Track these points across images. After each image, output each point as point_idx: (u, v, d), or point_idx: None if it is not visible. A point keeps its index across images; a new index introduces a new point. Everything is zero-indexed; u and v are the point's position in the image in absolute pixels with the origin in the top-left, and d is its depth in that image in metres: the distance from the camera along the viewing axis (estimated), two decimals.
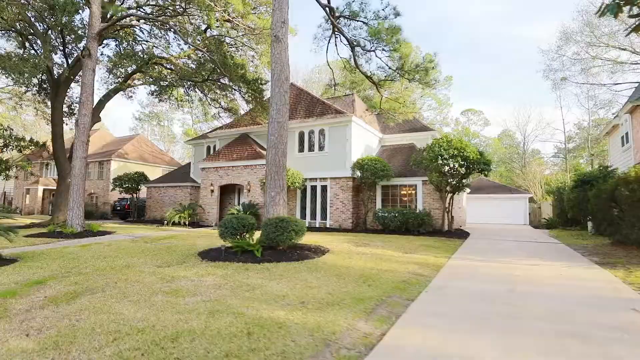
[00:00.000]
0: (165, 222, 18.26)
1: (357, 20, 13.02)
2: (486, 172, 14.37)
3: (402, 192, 17.00)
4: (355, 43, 12.96)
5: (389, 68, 13.37)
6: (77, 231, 13.13)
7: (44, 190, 32.38)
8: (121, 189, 23.79)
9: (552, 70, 27.72)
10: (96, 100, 19.39)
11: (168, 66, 18.55)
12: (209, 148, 23.21)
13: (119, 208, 27.14)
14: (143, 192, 26.64)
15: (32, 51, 17.86)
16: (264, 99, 17.42)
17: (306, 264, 7.65)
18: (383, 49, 12.76)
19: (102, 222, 22.42)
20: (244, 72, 16.34)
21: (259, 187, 17.80)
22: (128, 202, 26.44)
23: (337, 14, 12.41)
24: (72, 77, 17.28)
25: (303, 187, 17.76)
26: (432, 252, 10.03)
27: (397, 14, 13.64)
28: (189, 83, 19.70)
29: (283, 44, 9.67)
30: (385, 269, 7.44)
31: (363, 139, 18.75)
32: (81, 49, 14.55)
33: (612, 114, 32.87)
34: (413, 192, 16.67)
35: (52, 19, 14.20)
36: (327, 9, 12.18)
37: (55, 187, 33.10)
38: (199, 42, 14.98)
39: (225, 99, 22.07)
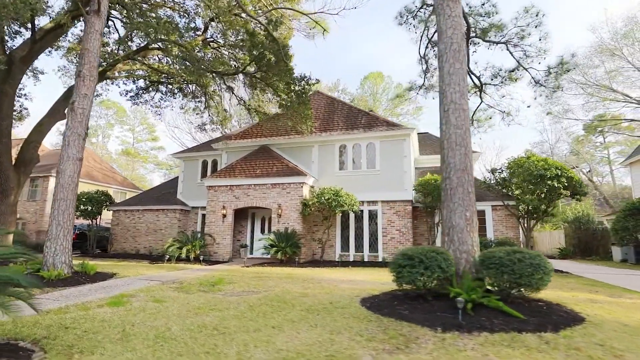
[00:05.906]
0: (167, 257, 13.33)
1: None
2: (579, 197, 12.76)
3: None
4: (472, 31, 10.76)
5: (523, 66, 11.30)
6: (66, 274, 8.20)
7: None
8: (77, 212, 17.83)
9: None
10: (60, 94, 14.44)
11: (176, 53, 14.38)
12: (205, 163, 18.71)
13: None
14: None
15: None
16: (307, 104, 14.13)
17: (608, 332, 4.59)
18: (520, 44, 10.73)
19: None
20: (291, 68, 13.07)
21: (295, 211, 14.08)
22: (78, 231, 20.12)
23: None
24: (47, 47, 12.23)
25: (353, 211, 14.38)
26: (623, 294, 7.62)
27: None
28: (187, 79, 15.63)
29: (459, 4, 6.94)
30: None
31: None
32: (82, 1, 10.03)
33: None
34: (479, 219, 14.45)
35: None
36: None
37: None
38: (259, 15, 11.44)
39: (221, 104, 18.20)
